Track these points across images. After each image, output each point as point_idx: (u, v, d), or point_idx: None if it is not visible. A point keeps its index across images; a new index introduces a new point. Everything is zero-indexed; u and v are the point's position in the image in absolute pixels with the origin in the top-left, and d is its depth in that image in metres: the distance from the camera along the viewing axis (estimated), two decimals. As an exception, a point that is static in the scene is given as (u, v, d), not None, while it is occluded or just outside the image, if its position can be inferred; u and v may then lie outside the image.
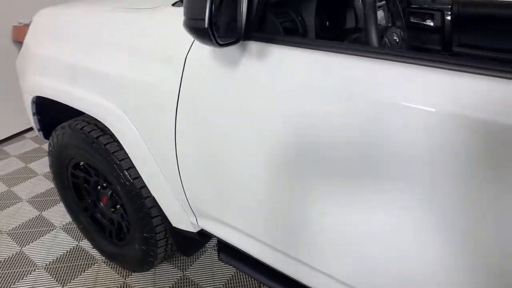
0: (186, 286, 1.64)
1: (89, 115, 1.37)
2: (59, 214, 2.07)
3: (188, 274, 1.71)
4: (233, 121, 0.94)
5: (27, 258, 1.78)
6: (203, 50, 0.95)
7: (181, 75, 1.00)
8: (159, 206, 1.32)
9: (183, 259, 1.77)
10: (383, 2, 1.35)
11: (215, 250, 1.82)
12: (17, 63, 1.64)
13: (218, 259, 1.37)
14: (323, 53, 0.80)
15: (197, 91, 0.99)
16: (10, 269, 1.72)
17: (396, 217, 0.75)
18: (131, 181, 1.33)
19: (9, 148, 2.74)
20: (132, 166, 1.31)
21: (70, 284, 1.65)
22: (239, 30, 0.80)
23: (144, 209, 1.37)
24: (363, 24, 1.02)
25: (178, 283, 1.66)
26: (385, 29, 1.15)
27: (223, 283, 1.65)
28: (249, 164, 0.96)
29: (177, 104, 1.03)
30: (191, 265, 1.75)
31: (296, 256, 1.01)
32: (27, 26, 1.56)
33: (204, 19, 0.69)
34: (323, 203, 0.86)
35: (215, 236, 1.26)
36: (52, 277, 1.68)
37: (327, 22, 1.18)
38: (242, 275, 1.69)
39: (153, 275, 1.70)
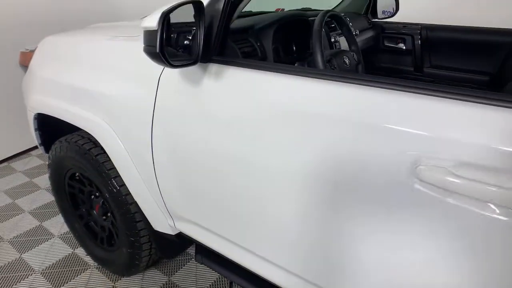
0: (170, 290, 1.76)
1: (83, 130, 1.54)
2: (57, 224, 2.21)
3: (173, 279, 1.82)
4: (198, 132, 1.09)
5: (25, 264, 1.92)
6: (173, 72, 1.12)
7: (155, 93, 1.16)
8: (141, 211, 1.46)
9: (169, 266, 1.89)
10: (338, 30, 1.51)
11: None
12: (22, 84, 1.83)
13: (195, 259, 1.48)
14: (270, 73, 0.96)
15: (167, 107, 1.15)
16: (9, 273, 1.86)
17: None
18: (118, 188, 1.48)
19: (16, 164, 2.93)
20: (118, 175, 1.46)
21: (63, 287, 1.78)
22: (196, 55, 0.96)
23: (129, 214, 1.51)
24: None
25: (164, 287, 1.77)
26: (337, 53, 1.31)
27: (207, 286, 1.76)
28: (215, 170, 1.10)
29: (153, 118, 1.19)
30: (177, 271, 1.86)
31: (261, 254, 1.13)
32: (32, 52, 1.76)
33: (155, 46, 0.85)
34: (280, 202, 0.99)
35: (190, 238, 1.39)
36: (47, 281, 1.81)
37: (284, 48, 1.35)
38: (224, 281, 1.79)
39: (140, 280, 1.82)
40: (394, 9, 2.36)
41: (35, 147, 3.14)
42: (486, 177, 0.66)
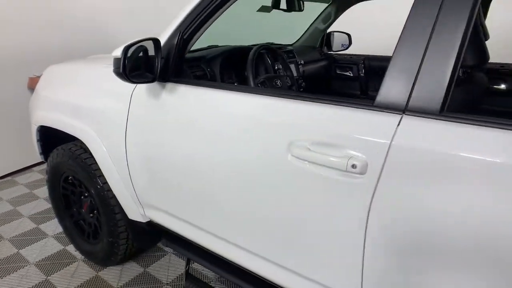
0: (145, 278, 2.04)
1: (77, 140, 1.90)
2: (52, 226, 2.52)
3: (148, 270, 2.11)
4: (160, 137, 1.45)
5: (21, 257, 2.22)
6: (141, 88, 1.50)
7: (128, 106, 1.53)
8: (119, 203, 1.80)
9: (146, 259, 2.18)
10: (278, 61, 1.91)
11: (173, 253, 2.24)
12: (29, 104, 2.22)
13: (161, 244, 1.79)
14: (212, 89, 1.33)
15: (137, 117, 1.51)
16: (7, 264, 2.16)
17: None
18: (101, 185, 1.82)
19: (19, 178, 3.28)
20: (102, 174, 1.81)
21: (53, 275, 2.07)
22: (154, 76, 1.35)
23: (110, 207, 1.84)
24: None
25: (139, 276, 2.06)
26: (270, 77, 1.69)
27: (176, 276, 2.05)
28: (175, 166, 1.44)
29: (126, 126, 1.56)
30: (152, 263, 2.16)
31: (217, 234, 1.44)
32: (38, 77, 2.16)
33: (119, 67, 1.23)
34: (225, 189, 1.31)
35: (157, 224, 1.71)
36: (40, 271, 2.11)
37: (228, 72, 1.74)
38: (194, 270, 2.08)
39: (120, 270, 2.11)
40: (347, 44, 2.79)
41: (37, 164, 3.49)
42: (326, 150, 1.01)
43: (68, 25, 3.39)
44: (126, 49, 1.24)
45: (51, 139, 2.14)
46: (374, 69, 2.46)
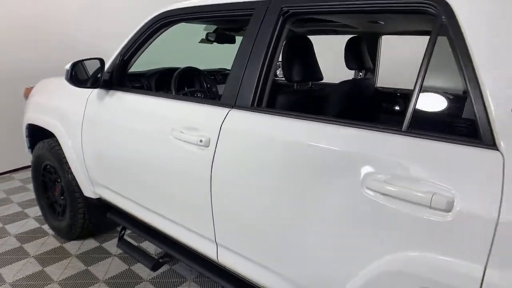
0: (100, 250, 2.52)
1: (54, 136, 2.45)
2: (34, 211, 3.05)
3: (103, 245, 2.59)
4: (104, 131, 1.99)
5: (5, 230, 2.74)
6: (93, 94, 2.06)
7: (84, 108, 2.09)
8: (78, 184, 2.32)
9: (103, 238, 2.67)
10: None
11: (127, 236, 2.72)
12: (24, 109, 2.81)
13: (106, 216, 2.29)
14: (142, 95, 1.87)
15: (89, 116, 2.07)
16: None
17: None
18: (67, 170, 2.35)
19: (16, 175, 3.86)
20: (68, 162, 2.34)
21: (28, 244, 2.57)
22: (98, 84, 1.91)
23: (72, 187, 2.36)
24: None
25: (95, 249, 2.54)
26: (193, 91, 2.23)
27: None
28: (116, 153, 1.96)
29: (82, 122, 2.11)
30: (108, 240, 2.64)
31: (143, 204, 1.93)
32: (32, 87, 2.76)
33: (67, 76, 1.80)
34: (153, 173, 1.83)
35: (104, 200, 2.21)
36: (18, 241, 2.61)
37: (161, 85, 2.30)
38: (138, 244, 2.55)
39: (81, 244, 2.60)
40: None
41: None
42: (190, 132, 1.53)
43: (65, 47, 4.04)
44: (74, 64, 1.82)
45: (37, 136, 2.71)
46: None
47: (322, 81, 2.07)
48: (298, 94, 1.83)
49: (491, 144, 0.92)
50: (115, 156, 1.96)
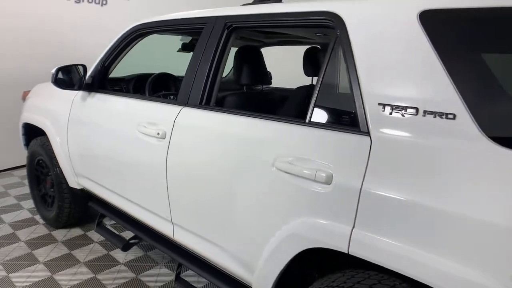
0: (84, 238, 2.78)
1: (46, 134, 2.74)
2: (29, 203, 3.32)
3: (87, 234, 2.85)
4: (86, 128, 2.27)
5: (1, 219, 3.02)
6: (78, 97, 2.34)
7: (70, 108, 2.37)
8: (64, 176, 2.59)
9: (87, 227, 2.93)
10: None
11: (109, 225, 2.97)
12: (22, 110, 3.11)
13: (88, 205, 2.55)
14: (118, 96, 2.15)
15: (73, 115, 2.35)
16: (-10, 223, 2.96)
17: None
18: (56, 163, 2.63)
19: (16, 172, 4.15)
20: (56, 157, 2.62)
21: (20, 230, 2.84)
22: (80, 86, 2.19)
23: (59, 179, 2.63)
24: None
25: (79, 237, 2.80)
26: (168, 94, 2.50)
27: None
28: (95, 147, 2.24)
29: (68, 121, 2.39)
30: (92, 230, 2.89)
31: (126, 196, 2.19)
32: (29, 91, 3.06)
33: (52, 79, 2.08)
34: (126, 163, 2.09)
35: (87, 189, 2.48)
36: (12, 229, 2.88)
37: (138, 88, 2.57)
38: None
39: (67, 232, 2.86)
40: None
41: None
42: (151, 127, 1.80)
43: (60, 56, 4.32)
44: (58, 69, 2.11)
45: (32, 134, 3.00)
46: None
47: (284, 87, 2.32)
48: (246, 95, 2.09)
49: (365, 131, 1.16)
50: (94, 149, 2.23)
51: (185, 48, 2.64)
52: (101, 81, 2.30)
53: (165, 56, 3.18)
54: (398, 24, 1.17)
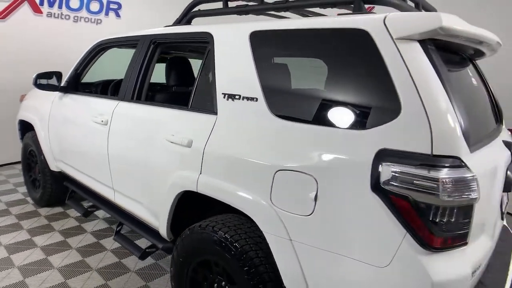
0: (63, 214, 3.38)
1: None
2: (24, 189, 3.96)
3: (66, 211, 3.45)
4: (61, 123, 2.89)
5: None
6: (57, 97, 2.98)
7: (50, 106, 3.01)
8: (47, 162, 3.21)
9: (68, 207, 3.53)
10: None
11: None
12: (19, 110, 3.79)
13: (64, 184, 3.16)
14: (83, 96, 2.78)
15: (53, 112, 2.98)
16: (-11, 202, 3.60)
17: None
18: (41, 152, 3.26)
19: (17, 165, 4.83)
20: (41, 146, 3.25)
21: (12, 207, 3.47)
22: (57, 88, 2.83)
23: (43, 164, 3.26)
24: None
25: (59, 213, 3.41)
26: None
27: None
28: (69, 138, 2.85)
29: (49, 117, 3.02)
30: (70, 208, 3.49)
31: (82, 170, 2.80)
32: (25, 94, 3.74)
33: (33, 82, 2.72)
34: (93, 150, 2.71)
35: (63, 171, 3.09)
36: (6, 205, 3.52)
37: (105, 91, 3.20)
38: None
39: (50, 209, 3.47)
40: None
41: (33, 159, 5.04)
42: (99, 116, 2.40)
43: (55, 65, 5.07)
44: (37, 74, 2.75)
45: (26, 129, 3.66)
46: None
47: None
48: (163, 93, 2.71)
49: (215, 112, 1.72)
50: (66, 137, 2.85)
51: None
52: (74, 84, 2.94)
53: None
54: (239, 40, 1.74)
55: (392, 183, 1.13)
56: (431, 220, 1.09)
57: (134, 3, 5.65)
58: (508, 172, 1.44)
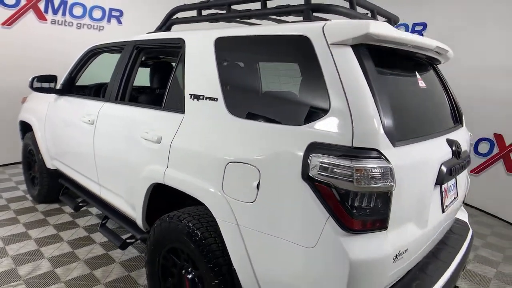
0: (58, 210, 3.57)
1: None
2: (24, 187, 4.17)
3: (62, 207, 3.64)
4: (57, 123, 3.09)
5: (1, 196, 3.88)
6: (52, 99, 3.18)
7: (47, 108, 3.22)
8: (44, 160, 3.41)
9: (64, 204, 3.72)
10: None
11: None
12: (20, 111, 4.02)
13: (59, 181, 3.35)
14: (75, 98, 2.97)
15: (50, 113, 3.18)
16: (-9, 198, 3.82)
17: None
18: (39, 151, 3.46)
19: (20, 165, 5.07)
20: (39, 145, 3.46)
21: (12, 203, 3.68)
22: (54, 90, 3.03)
23: (41, 163, 3.46)
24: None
25: (55, 209, 3.60)
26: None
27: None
28: (64, 137, 3.05)
29: (45, 117, 3.23)
30: (66, 205, 3.68)
31: (73, 167, 2.99)
32: (26, 97, 3.96)
33: (29, 85, 2.93)
34: (82, 148, 2.90)
35: (58, 169, 3.28)
36: (6, 202, 3.73)
37: (98, 93, 3.40)
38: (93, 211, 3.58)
39: (47, 206, 3.67)
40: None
41: (36, 159, 5.28)
42: (86, 116, 2.58)
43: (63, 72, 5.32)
44: (33, 77, 2.95)
45: (26, 130, 3.88)
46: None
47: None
48: (150, 94, 2.88)
49: (183, 111, 1.88)
50: (60, 136, 3.05)
51: (155, 66, 3.46)
52: (69, 87, 3.14)
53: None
54: (206, 45, 1.90)
55: (317, 172, 1.27)
56: (350, 205, 1.22)
57: (135, 10, 5.89)
58: (442, 167, 1.56)
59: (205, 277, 1.65)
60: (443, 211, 1.69)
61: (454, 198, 1.87)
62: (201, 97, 1.80)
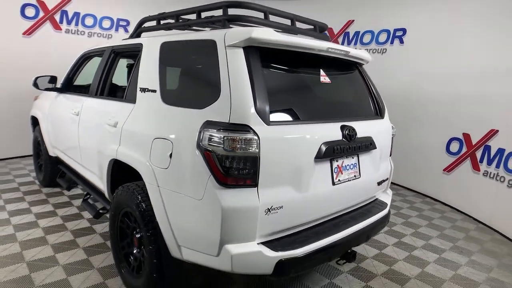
0: (60, 193, 4.13)
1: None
2: (34, 174, 4.78)
3: (63, 192, 4.20)
4: (58, 118, 3.65)
5: (14, 180, 4.49)
6: (54, 96, 3.74)
7: (49, 105, 3.79)
8: (47, 149, 3.98)
9: (67, 193, 4.28)
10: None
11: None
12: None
13: (58, 167, 3.90)
14: (71, 95, 3.51)
15: (52, 109, 3.75)
16: None
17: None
18: (43, 141, 4.04)
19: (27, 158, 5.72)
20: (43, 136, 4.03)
21: (22, 187, 4.27)
22: (52, 89, 3.59)
23: (45, 151, 4.03)
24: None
25: (57, 192, 4.15)
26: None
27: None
28: (63, 130, 3.60)
29: (48, 114, 3.80)
30: (68, 190, 4.24)
31: (67, 153, 3.53)
32: (38, 96, 4.58)
33: (33, 83, 3.49)
34: (76, 140, 3.44)
35: (57, 157, 3.84)
36: (18, 185, 4.33)
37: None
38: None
39: (51, 189, 4.23)
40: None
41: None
42: (74, 110, 3.10)
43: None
44: (36, 77, 3.52)
45: (37, 124, 4.48)
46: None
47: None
48: (123, 90, 3.35)
49: (135, 101, 2.34)
50: (57, 127, 3.60)
51: (129, 67, 3.98)
52: (68, 86, 3.69)
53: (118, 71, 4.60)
54: (154, 49, 2.35)
55: (206, 142, 1.68)
56: (223, 166, 1.63)
57: (142, 20, 6.51)
58: (322, 146, 1.91)
59: (143, 231, 2.09)
60: (333, 183, 2.04)
61: (355, 176, 2.21)
62: (146, 90, 2.25)
